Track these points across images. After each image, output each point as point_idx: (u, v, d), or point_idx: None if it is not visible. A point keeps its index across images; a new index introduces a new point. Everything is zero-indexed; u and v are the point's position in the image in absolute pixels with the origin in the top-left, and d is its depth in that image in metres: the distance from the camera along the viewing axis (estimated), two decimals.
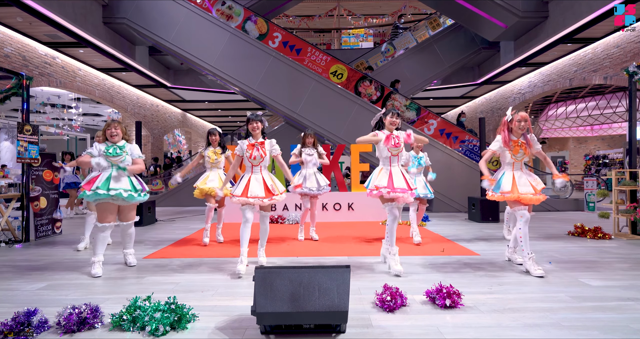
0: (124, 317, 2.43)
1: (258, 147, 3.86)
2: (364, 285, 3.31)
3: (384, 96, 9.94)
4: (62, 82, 10.28)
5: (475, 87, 15.07)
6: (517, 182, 3.73)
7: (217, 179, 5.15)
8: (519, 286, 3.29)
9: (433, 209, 9.34)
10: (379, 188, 3.75)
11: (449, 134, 9.92)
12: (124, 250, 4.14)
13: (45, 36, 9.05)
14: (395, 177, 3.80)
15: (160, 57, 13.01)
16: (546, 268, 3.88)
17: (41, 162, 5.91)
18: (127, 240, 4.12)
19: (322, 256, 4.52)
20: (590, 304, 2.84)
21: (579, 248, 4.89)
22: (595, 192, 9.16)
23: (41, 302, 2.92)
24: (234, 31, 9.34)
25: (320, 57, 10.13)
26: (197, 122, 22.29)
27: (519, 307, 2.78)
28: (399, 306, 2.73)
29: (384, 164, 3.91)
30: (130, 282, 3.49)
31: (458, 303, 2.77)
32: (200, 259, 4.39)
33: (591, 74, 10.32)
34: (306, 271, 2.33)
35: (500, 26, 10.50)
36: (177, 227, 7.00)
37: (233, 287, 3.31)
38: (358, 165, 8.01)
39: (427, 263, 4.10)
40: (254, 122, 3.90)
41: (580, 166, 19.73)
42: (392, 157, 3.86)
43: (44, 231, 5.88)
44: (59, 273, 3.82)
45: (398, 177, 3.80)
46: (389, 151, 3.84)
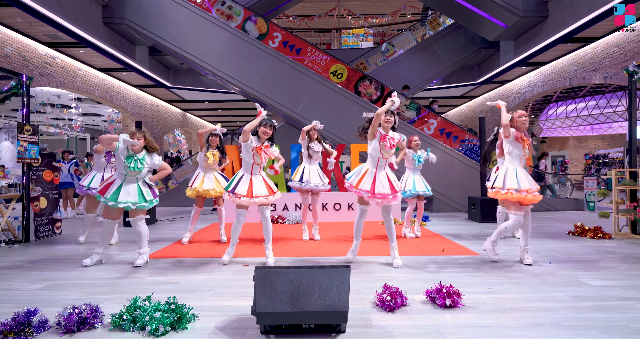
0: (124, 317, 2.42)
1: (265, 151, 4.02)
2: (364, 285, 3.31)
3: (384, 96, 9.94)
4: (62, 82, 10.28)
5: (475, 86, 15.07)
6: (521, 179, 3.82)
7: (213, 180, 5.20)
8: (519, 285, 3.29)
9: (433, 208, 9.34)
10: (360, 190, 3.83)
11: (449, 134, 9.92)
12: (137, 249, 4.15)
13: (45, 36, 9.05)
14: (379, 181, 3.82)
15: (160, 57, 13.01)
16: (546, 267, 3.88)
17: (41, 162, 5.91)
18: (138, 239, 4.11)
19: (322, 256, 4.52)
20: (590, 303, 2.84)
21: (579, 248, 4.89)
22: (595, 192, 9.17)
23: (41, 302, 2.92)
24: (234, 31, 9.34)
25: (320, 57, 10.13)
26: (197, 122, 22.29)
27: (519, 307, 2.78)
28: (399, 305, 2.73)
29: (372, 165, 3.91)
30: (130, 282, 3.49)
31: (458, 303, 2.77)
32: (201, 259, 4.39)
33: (591, 74, 10.32)
34: (306, 271, 2.32)
35: (500, 26, 10.50)
36: (177, 227, 7.00)
37: (233, 287, 3.31)
38: (358, 165, 7.99)
39: (427, 263, 4.10)
40: (267, 128, 3.99)
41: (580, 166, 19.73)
42: (380, 159, 3.87)
43: (44, 231, 5.88)
44: (59, 272, 3.82)
45: (382, 182, 3.82)
46: (381, 152, 3.84)
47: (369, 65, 13.06)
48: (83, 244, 5.32)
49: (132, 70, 11.64)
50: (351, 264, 3.98)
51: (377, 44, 14.78)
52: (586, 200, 9.29)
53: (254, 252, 4.63)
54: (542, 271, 3.76)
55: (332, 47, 17.91)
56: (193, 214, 5.35)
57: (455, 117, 19.98)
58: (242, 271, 3.84)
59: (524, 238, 4.04)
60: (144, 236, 4.08)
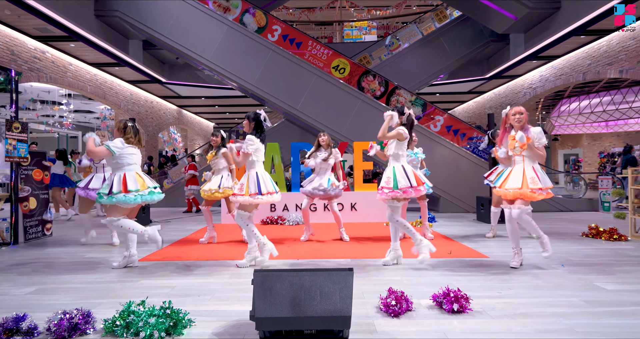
0: (117, 322, 2.42)
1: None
2: (368, 289, 3.30)
3: (388, 92, 9.92)
4: (53, 78, 10.30)
5: (484, 81, 15.04)
6: (509, 177, 3.89)
7: (218, 181, 5.29)
8: (530, 289, 3.28)
9: (439, 209, 9.32)
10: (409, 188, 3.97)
11: (457, 131, 9.90)
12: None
13: (34, 30, 9.06)
14: (410, 174, 4.05)
15: (154, 52, 13.01)
16: (559, 271, 3.87)
17: (31, 161, 5.92)
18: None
19: (324, 258, 4.51)
20: (606, 309, 2.83)
21: (593, 250, 4.87)
22: (610, 192, 9.14)
23: (30, 307, 2.93)
24: (231, 24, 9.33)
25: (321, 51, 10.12)
26: (194, 119, 22.31)
27: (530, 312, 2.77)
28: (404, 310, 2.72)
29: (399, 160, 4.11)
30: (124, 286, 3.49)
31: (466, 308, 2.76)
32: (197, 261, 4.39)
33: (606, 68, 10.28)
34: (307, 274, 2.32)
35: (510, 18, 10.46)
36: (173, 228, 7.00)
37: (231, 291, 3.31)
38: (361, 163, 7.98)
39: (433, 266, 4.09)
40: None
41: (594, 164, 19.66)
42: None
43: (34, 232, 5.89)
44: (49, 276, 3.83)
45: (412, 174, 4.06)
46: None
47: (372, 60, 13.04)
48: (74, 247, 5.32)
49: (125, 65, 11.64)
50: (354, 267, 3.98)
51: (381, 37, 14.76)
52: (601, 200, 9.27)
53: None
54: (555, 274, 3.74)
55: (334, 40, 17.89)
56: (205, 215, 5.50)
57: (463, 114, 19.95)
58: (240, 274, 3.84)
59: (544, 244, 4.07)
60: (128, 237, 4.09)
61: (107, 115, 15.64)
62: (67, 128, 15.50)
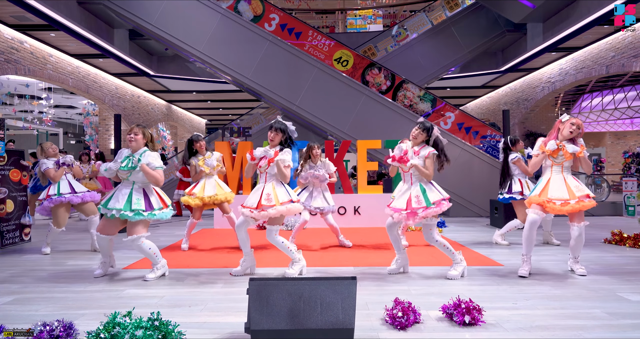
0: (102, 335, 2.43)
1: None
2: (372, 299, 3.31)
3: (395, 86, 9.94)
4: (31, 70, 10.32)
5: (499, 75, 15.04)
6: (550, 186, 3.99)
7: (215, 186, 5.37)
8: (547, 300, 3.28)
9: (450, 213, 9.33)
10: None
11: (469, 129, 9.91)
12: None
13: (11, 18, 9.08)
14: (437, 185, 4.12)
15: (142, 42, 13.04)
16: (579, 280, 3.87)
17: (7, 160, 5.93)
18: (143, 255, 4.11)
19: (325, 266, 4.52)
20: (630, 321, 2.83)
21: (616, 258, 4.88)
22: (635, 195, 9.13)
23: (7, 318, 2.93)
24: (225, 12, 9.35)
25: (322, 41, 10.13)
26: (184, 115, 22.34)
27: (548, 324, 2.77)
28: (411, 323, 2.73)
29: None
30: (109, 295, 3.50)
31: (478, 320, 2.77)
32: (188, 269, 4.40)
33: (631, 60, 10.28)
34: (307, 283, 2.33)
35: (527, 6, 10.47)
36: (161, 233, 7.02)
37: (224, 301, 3.32)
38: (365, 164, 7.98)
39: (443, 275, 4.09)
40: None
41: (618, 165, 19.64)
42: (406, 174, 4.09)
43: (11, 238, 5.91)
44: (27, 285, 3.84)
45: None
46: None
47: (377, 51, 13.05)
48: (55, 253, 5.33)
49: (110, 56, 11.66)
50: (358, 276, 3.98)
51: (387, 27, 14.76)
52: (625, 204, 9.27)
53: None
54: (574, 284, 3.75)
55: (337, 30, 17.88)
56: (189, 225, 5.52)
57: (476, 110, 19.96)
58: (235, 283, 3.85)
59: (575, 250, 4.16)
60: (151, 255, 3.92)
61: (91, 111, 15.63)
62: (47, 125, 15.51)
